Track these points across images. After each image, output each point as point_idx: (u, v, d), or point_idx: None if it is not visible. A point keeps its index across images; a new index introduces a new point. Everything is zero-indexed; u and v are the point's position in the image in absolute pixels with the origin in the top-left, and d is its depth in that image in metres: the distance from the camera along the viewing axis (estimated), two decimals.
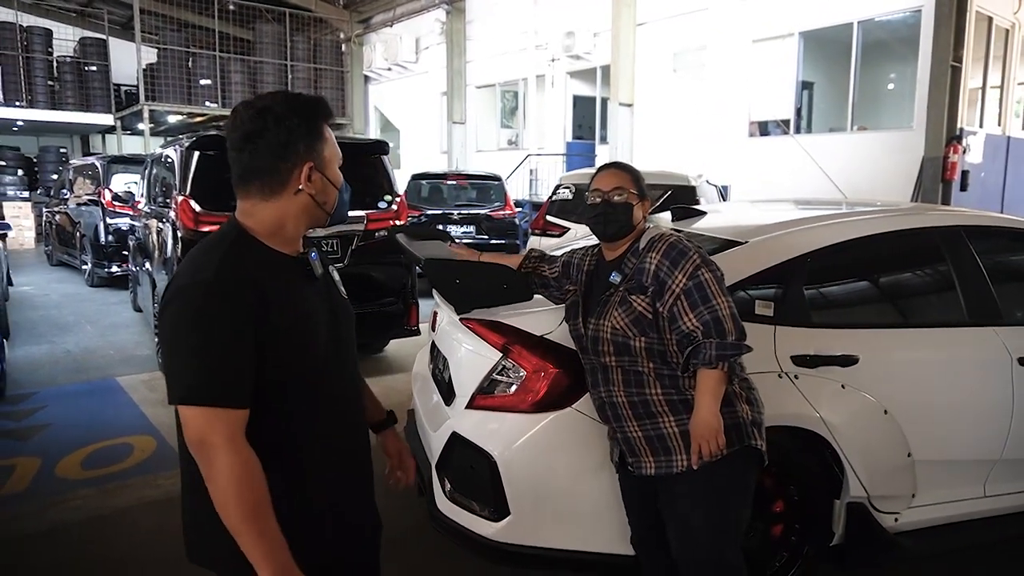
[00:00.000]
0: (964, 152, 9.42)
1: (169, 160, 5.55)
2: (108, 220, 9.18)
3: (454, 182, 10.34)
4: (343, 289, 1.63)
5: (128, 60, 17.37)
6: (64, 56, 17.95)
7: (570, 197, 7.13)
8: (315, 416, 1.43)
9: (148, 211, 6.36)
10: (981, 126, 10.47)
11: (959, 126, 9.35)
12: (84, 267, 10.11)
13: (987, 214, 3.37)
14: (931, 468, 2.61)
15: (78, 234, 10.33)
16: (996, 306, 2.75)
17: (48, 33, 17.56)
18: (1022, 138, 11.65)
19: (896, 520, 2.60)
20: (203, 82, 17.46)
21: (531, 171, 14.89)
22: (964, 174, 9.56)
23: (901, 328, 2.76)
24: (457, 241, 3.24)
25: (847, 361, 2.46)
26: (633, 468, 2.05)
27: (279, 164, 1.39)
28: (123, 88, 18.91)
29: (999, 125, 11.10)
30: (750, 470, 2.01)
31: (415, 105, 19.04)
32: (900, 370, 2.59)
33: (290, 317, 1.37)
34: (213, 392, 1.28)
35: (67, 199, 11.07)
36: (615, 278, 2.04)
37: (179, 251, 4.80)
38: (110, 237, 9.21)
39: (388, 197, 5.55)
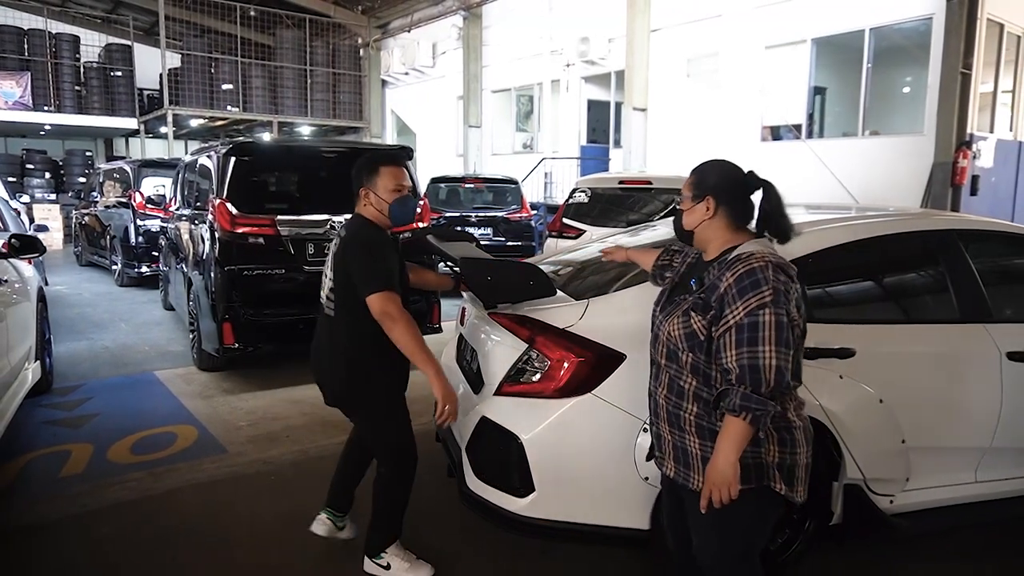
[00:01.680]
0: (974, 157, 9.55)
1: (204, 165, 5.83)
2: (138, 222, 9.50)
3: (472, 185, 10.60)
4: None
5: (152, 65, 17.83)
6: (91, 61, 18.44)
7: (586, 200, 7.34)
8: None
9: (182, 214, 6.65)
10: (992, 131, 10.58)
11: (969, 131, 9.48)
12: (114, 267, 10.45)
13: (980, 219, 3.56)
14: (924, 454, 2.82)
15: (108, 235, 10.68)
16: (986, 304, 2.95)
17: (76, 39, 18.05)
18: None
19: (891, 502, 2.80)
20: (225, 87, 17.86)
21: (546, 174, 15.12)
22: (974, 179, 9.69)
23: (896, 324, 2.97)
24: (478, 241, 3.49)
25: (845, 354, 2.67)
26: (658, 464, 2.13)
27: (355, 188, 2.71)
28: (146, 92, 19.38)
29: (1011, 130, 11.20)
30: (768, 509, 1.97)
31: (431, 109, 19.33)
32: (895, 363, 2.79)
33: (393, 260, 2.65)
34: (390, 283, 2.53)
35: (97, 201, 11.44)
36: (693, 283, 2.00)
37: (217, 251, 5.06)
38: (140, 238, 9.53)
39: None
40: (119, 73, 18.15)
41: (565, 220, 7.31)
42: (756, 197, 2.03)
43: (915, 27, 10.41)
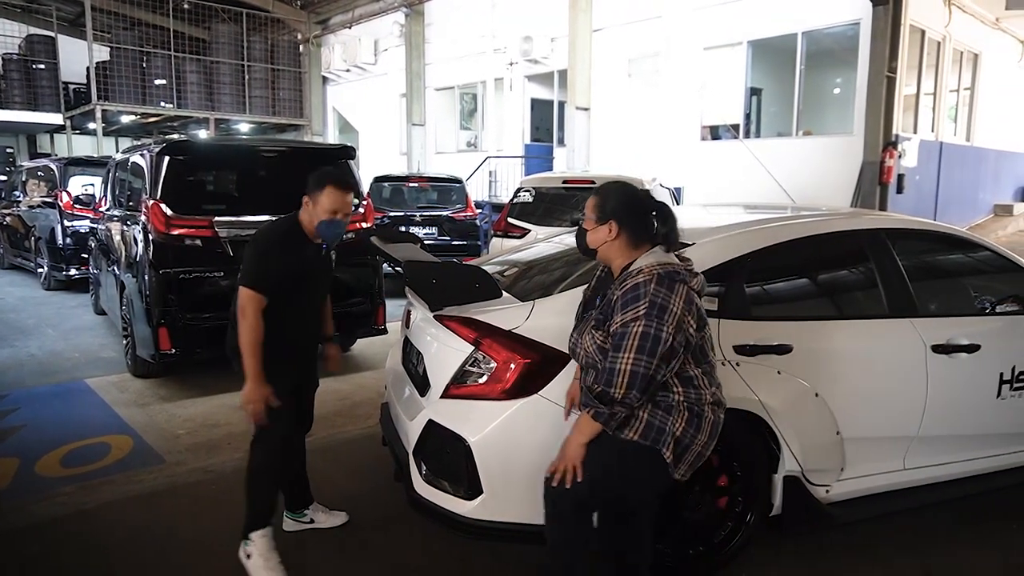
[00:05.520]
0: (899, 157, 10.00)
1: (137, 164, 5.62)
2: (66, 223, 9.09)
3: (416, 184, 10.52)
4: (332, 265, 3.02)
5: (77, 58, 17.06)
6: (10, 53, 17.52)
7: (530, 200, 7.39)
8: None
9: (113, 214, 6.39)
10: (916, 132, 11.10)
11: (895, 132, 9.92)
12: (40, 270, 9.97)
13: (907, 218, 3.74)
14: (857, 444, 2.93)
15: (33, 237, 10.18)
16: (912, 300, 3.09)
17: None
18: (954, 143, 12.36)
19: (827, 491, 2.91)
20: (158, 82, 17.24)
21: (490, 173, 15.13)
22: (900, 178, 10.15)
23: (830, 320, 3.08)
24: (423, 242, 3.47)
25: (782, 350, 2.76)
26: None
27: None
28: (72, 87, 18.51)
29: (932, 131, 11.77)
30: (646, 467, 2.12)
31: (374, 107, 19.10)
32: (829, 357, 2.90)
33: (281, 264, 2.75)
34: (257, 283, 2.69)
35: (19, 201, 10.89)
36: (599, 300, 2.21)
37: (151, 253, 4.89)
38: (68, 240, 9.12)
39: (356, 200, 5.71)
40: (42, 66, 17.29)
41: (510, 220, 7.34)
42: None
43: (844, 31, 10.83)
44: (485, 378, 2.60)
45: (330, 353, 3.26)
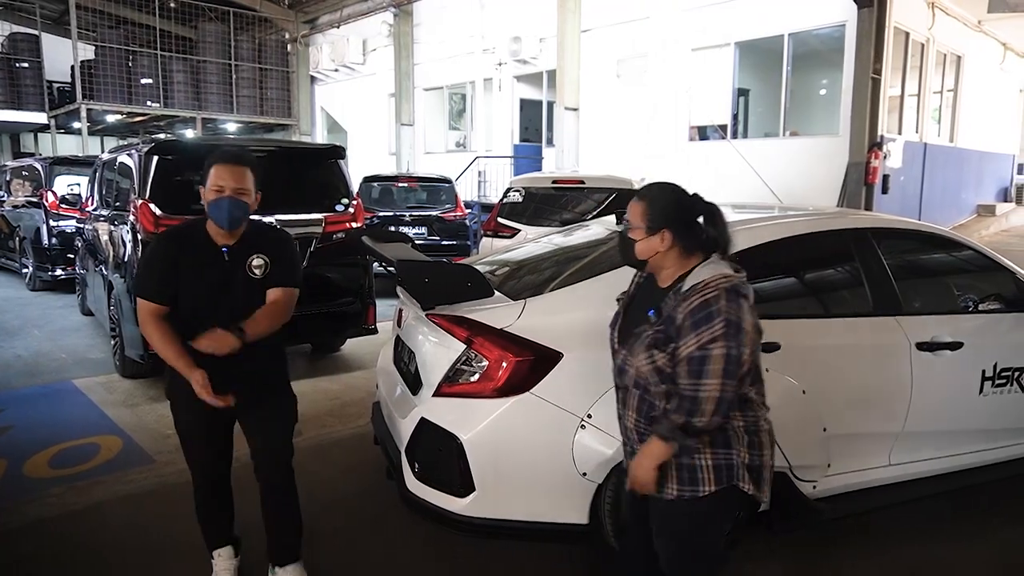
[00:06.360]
0: (884, 158, 10.11)
1: (125, 164, 5.59)
2: (51, 223, 9.02)
3: (405, 184, 10.52)
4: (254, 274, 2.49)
5: (62, 57, 16.91)
6: None
7: (520, 200, 7.40)
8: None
9: (100, 214, 6.35)
10: (900, 133, 11.22)
11: (880, 133, 10.03)
12: (25, 271, 9.88)
13: (892, 217, 3.79)
14: (843, 441, 2.97)
15: (18, 237, 10.10)
16: (897, 298, 3.14)
17: None
18: (938, 144, 12.51)
19: (814, 487, 2.95)
20: (144, 81, 17.11)
21: (480, 173, 15.14)
22: (885, 178, 10.25)
23: (817, 318, 3.13)
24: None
25: (770, 348, 2.78)
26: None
27: None
28: (56, 85, 18.35)
29: (917, 132, 11.90)
30: (732, 508, 2.01)
31: (363, 107, 19.06)
32: (816, 355, 2.94)
33: (162, 268, 2.45)
34: (141, 290, 2.45)
35: (4, 201, 10.79)
36: (652, 314, 1.99)
37: (140, 253, 4.86)
38: (54, 240, 9.05)
39: (345, 200, 5.72)
40: (25, 64, 17.11)
41: (500, 219, 7.36)
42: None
43: (830, 33, 10.93)
44: (477, 376, 2.62)
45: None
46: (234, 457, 2.70)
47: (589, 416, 2.55)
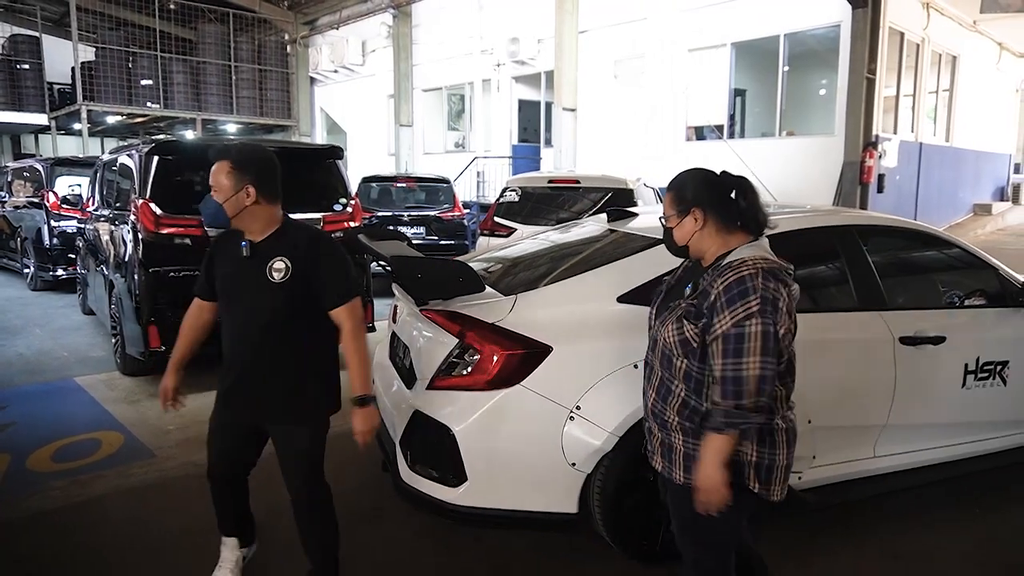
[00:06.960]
0: (880, 157, 10.18)
1: (125, 164, 5.66)
2: (53, 223, 9.09)
3: (404, 184, 10.59)
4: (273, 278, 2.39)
5: (62, 59, 16.99)
6: None
7: (517, 199, 7.47)
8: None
9: (101, 214, 6.42)
10: (896, 133, 11.29)
11: (875, 133, 10.10)
12: (26, 271, 9.94)
13: (877, 215, 3.86)
14: (828, 433, 3.04)
15: (19, 237, 10.17)
16: (881, 293, 3.21)
17: None
18: (933, 144, 12.58)
19: (800, 478, 3.02)
20: (144, 82, 17.19)
21: (478, 173, 15.22)
22: (880, 177, 10.33)
23: (802, 313, 3.18)
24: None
25: None
26: (649, 457, 2.15)
27: None
28: (57, 87, 18.43)
29: (912, 132, 11.97)
30: (740, 505, 1.93)
31: (362, 107, 19.14)
32: (801, 349, 2.98)
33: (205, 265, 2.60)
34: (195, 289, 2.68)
35: (5, 201, 10.86)
36: (688, 288, 2.00)
37: (141, 252, 4.94)
38: (55, 240, 9.12)
39: (343, 200, 5.79)
40: (26, 66, 17.19)
41: (496, 219, 7.42)
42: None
43: (825, 33, 11.00)
44: (470, 369, 2.69)
45: (353, 422, 2.40)
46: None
47: (578, 408, 2.61)
